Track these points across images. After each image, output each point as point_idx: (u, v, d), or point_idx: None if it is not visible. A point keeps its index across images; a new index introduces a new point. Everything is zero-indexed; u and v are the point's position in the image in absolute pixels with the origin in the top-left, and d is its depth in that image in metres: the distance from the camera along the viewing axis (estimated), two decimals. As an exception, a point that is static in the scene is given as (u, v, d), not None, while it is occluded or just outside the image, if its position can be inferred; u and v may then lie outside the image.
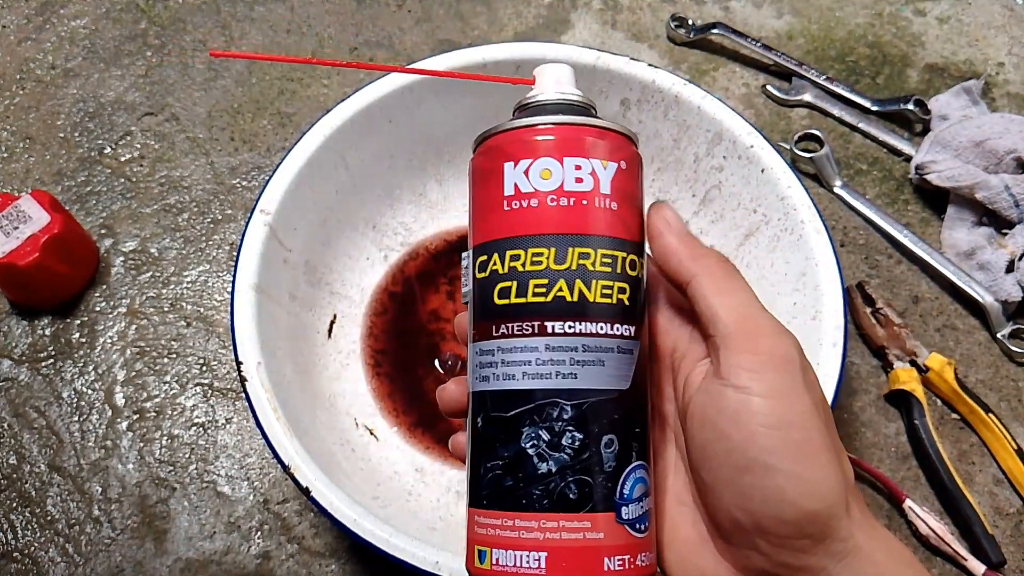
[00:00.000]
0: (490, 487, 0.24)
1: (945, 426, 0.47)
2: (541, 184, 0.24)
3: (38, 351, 0.50)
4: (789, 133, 0.57)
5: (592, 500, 0.23)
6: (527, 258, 0.24)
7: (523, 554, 0.23)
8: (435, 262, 0.51)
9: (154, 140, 0.58)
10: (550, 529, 0.23)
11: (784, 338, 0.23)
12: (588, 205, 0.24)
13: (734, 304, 0.24)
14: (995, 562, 0.42)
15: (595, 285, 0.24)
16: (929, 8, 0.64)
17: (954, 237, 0.52)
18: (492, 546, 0.23)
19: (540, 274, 0.24)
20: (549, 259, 0.24)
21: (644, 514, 0.24)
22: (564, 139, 0.25)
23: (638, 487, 0.24)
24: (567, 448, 0.23)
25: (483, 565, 0.24)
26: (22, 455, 0.47)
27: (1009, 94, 0.60)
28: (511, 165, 0.25)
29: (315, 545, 0.44)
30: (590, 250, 0.24)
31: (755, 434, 0.22)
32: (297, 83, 0.61)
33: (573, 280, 0.24)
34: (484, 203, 0.26)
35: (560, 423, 0.23)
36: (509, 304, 0.24)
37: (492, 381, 0.24)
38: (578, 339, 0.24)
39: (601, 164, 0.25)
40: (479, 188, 0.26)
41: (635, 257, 0.25)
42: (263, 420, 0.37)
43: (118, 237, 0.54)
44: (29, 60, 0.62)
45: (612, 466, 0.23)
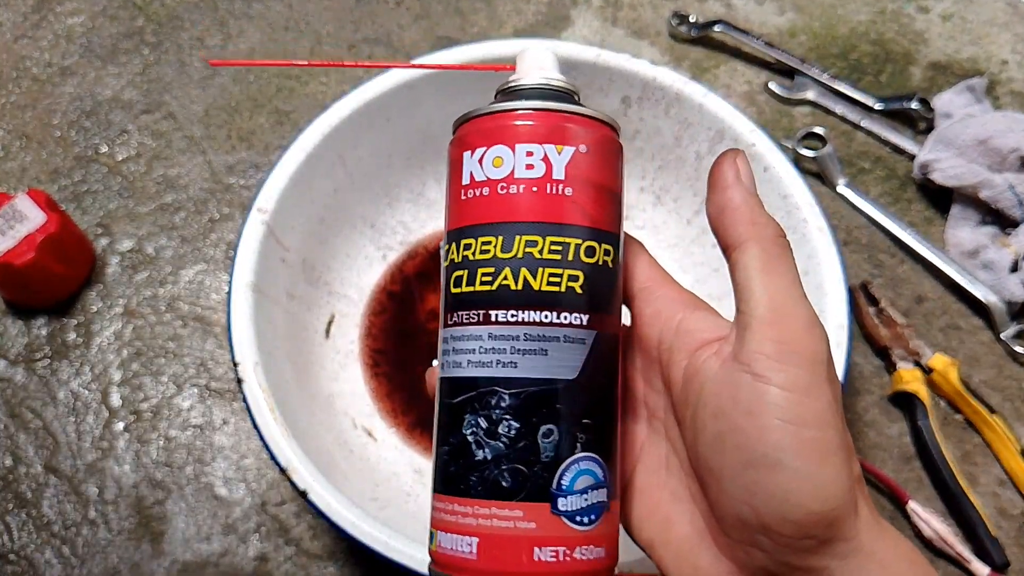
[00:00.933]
0: (440, 472, 0.24)
1: (949, 427, 0.47)
2: (493, 172, 0.24)
3: (34, 351, 0.50)
4: (792, 131, 0.57)
5: (525, 490, 0.23)
6: (477, 247, 0.24)
7: (459, 538, 0.23)
8: (434, 261, 0.51)
9: (151, 138, 0.58)
10: (482, 516, 0.23)
11: (815, 331, 0.22)
12: (538, 192, 0.24)
13: (774, 285, 0.22)
14: (999, 564, 0.42)
15: (541, 273, 0.24)
16: (932, 5, 0.64)
17: (958, 236, 0.52)
18: (438, 529, 0.24)
19: (487, 263, 0.24)
20: (496, 247, 0.24)
21: (590, 507, 0.23)
22: (518, 126, 0.24)
23: (582, 479, 0.23)
24: (503, 437, 0.23)
25: (432, 546, 0.25)
26: (18, 456, 0.47)
27: (1013, 92, 0.59)
28: (468, 154, 0.25)
29: (313, 547, 0.44)
30: (538, 237, 0.24)
31: (768, 427, 0.21)
32: (295, 81, 0.60)
33: (518, 268, 0.24)
34: (449, 193, 0.26)
35: (498, 411, 0.23)
36: (461, 293, 0.24)
37: (445, 369, 0.25)
38: (520, 328, 0.23)
39: (556, 149, 0.24)
40: (448, 178, 0.26)
41: (594, 244, 0.24)
42: (260, 421, 0.37)
43: (114, 236, 0.54)
44: (25, 58, 0.62)
45: (549, 456, 0.23)
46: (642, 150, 0.50)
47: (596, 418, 0.24)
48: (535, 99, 0.25)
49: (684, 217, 0.50)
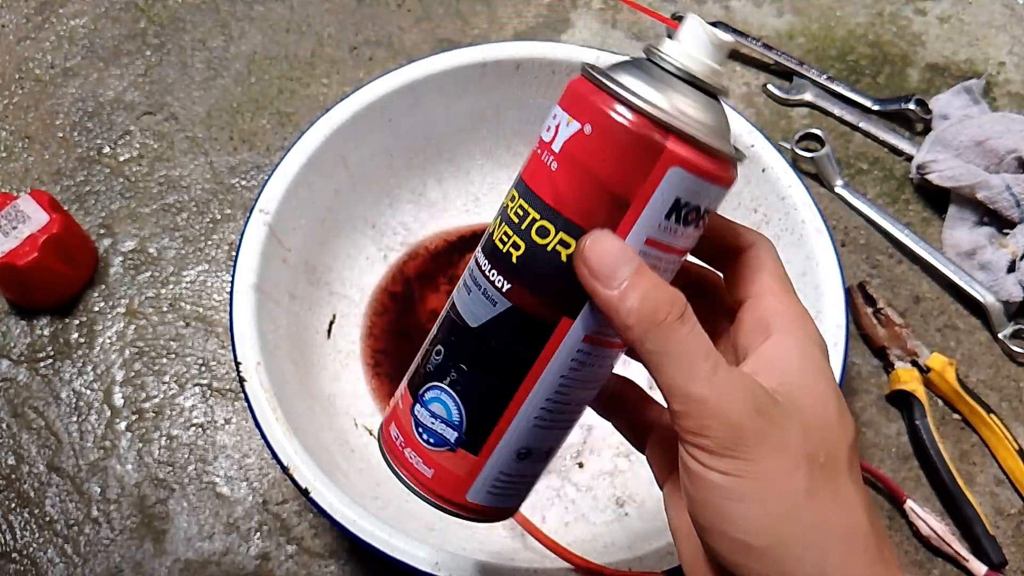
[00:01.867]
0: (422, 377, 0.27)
1: (946, 426, 0.47)
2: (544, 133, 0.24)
3: (37, 351, 0.50)
4: (790, 132, 0.57)
5: (411, 379, 0.27)
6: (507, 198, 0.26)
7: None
8: (435, 262, 0.51)
9: (153, 139, 0.58)
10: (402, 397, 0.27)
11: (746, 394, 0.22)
12: (537, 154, 0.24)
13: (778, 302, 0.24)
14: (996, 563, 0.42)
15: (500, 226, 0.25)
16: (930, 7, 0.64)
17: (955, 237, 0.52)
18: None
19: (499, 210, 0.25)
20: (507, 196, 0.25)
21: (432, 431, 0.26)
22: (569, 85, 0.24)
23: (435, 405, 0.26)
24: (428, 337, 0.27)
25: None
26: (21, 455, 0.47)
27: (1010, 93, 0.59)
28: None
29: (314, 546, 0.44)
30: (515, 193, 0.24)
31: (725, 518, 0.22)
32: (296, 82, 0.61)
33: (498, 215, 0.25)
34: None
35: (438, 321, 0.27)
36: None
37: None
38: (473, 264, 0.26)
39: (566, 119, 0.23)
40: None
41: (548, 225, 0.23)
42: (262, 420, 0.37)
43: (117, 237, 0.54)
44: (28, 59, 0.62)
45: (429, 369, 0.26)
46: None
47: (476, 372, 0.25)
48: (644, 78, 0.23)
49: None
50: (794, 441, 0.21)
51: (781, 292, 0.24)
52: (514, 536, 0.41)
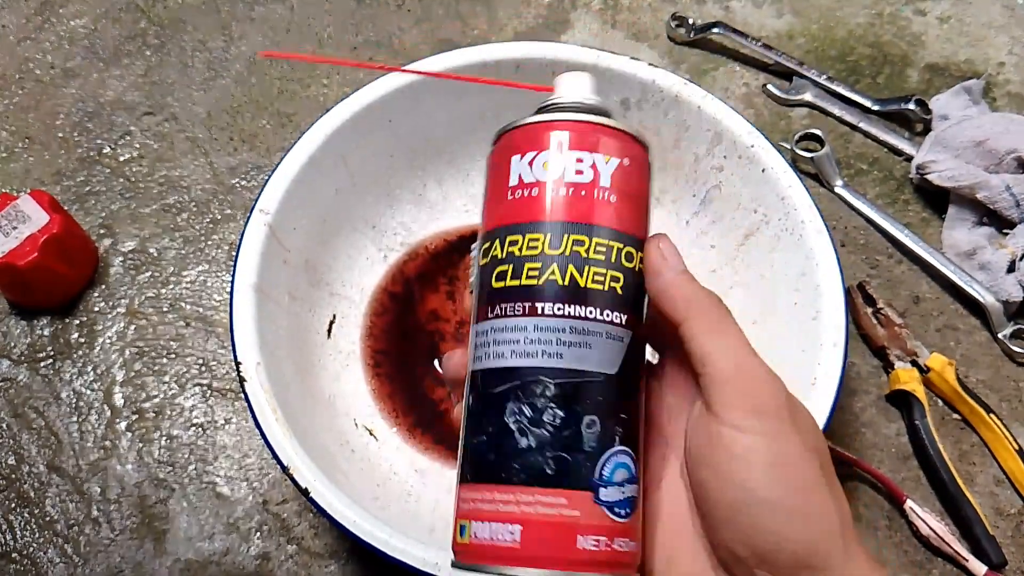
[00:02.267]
0: (474, 462, 0.25)
1: (946, 426, 0.47)
2: (543, 174, 0.25)
3: (37, 351, 0.50)
4: (789, 133, 0.57)
5: (569, 477, 0.23)
6: (524, 243, 0.25)
7: (499, 526, 0.23)
8: (434, 262, 0.51)
9: (153, 140, 0.58)
10: (526, 503, 0.23)
11: (774, 383, 0.24)
12: (587, 196, 0.25)
13: (726, 345, 0.24)
14: (996, 563, 0.42)
15: (587, 271, 0.25)
16: (929, 8, 0.64)
17: (955, 237, 0.52)
18: (472, 519, 0.24)
19: (535, 258, 0.25)
20: (544, 244, 0.25)
21: (626, 500, 0.24)
22: (569, 134, 0.26)
23: (619, 472, 0.24)
24: (548, 425, 0.23)
25: (463, 539, 0.24)
26: (21, 455, 0.47)
27: (1010, 94, 0.59)
28: (518, 157, 0.26)
29: (314, 546, 0.44)
30: (585, 237, 0.25)
31: (754, 470, 0.23)
32: (297, 83, 0.61)
33: (566, 265, 0.24)
34: (492, 194, 0.27)
35: (543, 400, 0.24)
36: (505, 287, 0.25)
37: (484, 360, 0.25)
38: (566, 321, 0.24)
39: (603, 159, 0.25)
40: (490, 181, 0.27)
41: (632, 250, 0.26)
42: (262, 420, 0.37)
43: (117, 237, 0.54)
44: (29, 60, 0.62)
45: (592, 447, 0.24)
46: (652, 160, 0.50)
47: (630, 415, 0.25)
48: (583, 113, 0.26)
49: (683, 219, 0.50)
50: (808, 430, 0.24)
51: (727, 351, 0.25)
52: (514, 536, 0.41)
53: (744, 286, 0.46)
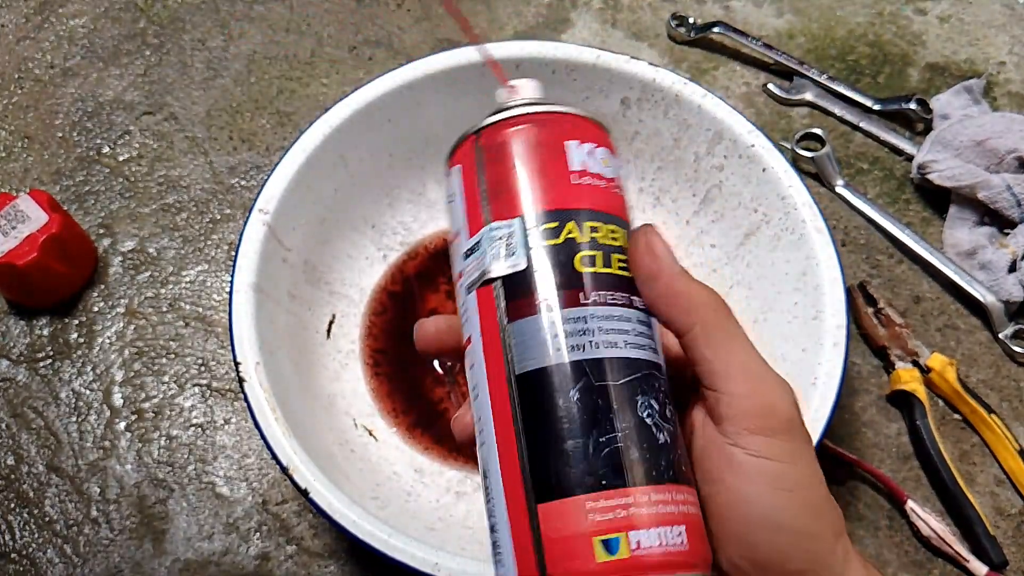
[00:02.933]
0: (609, 463, 0.21)
1: (947, 426, 0.47)
2: (604, 170, 0.25)
3: (36, 351, 0.50)
4: (790, 132, 0.57)
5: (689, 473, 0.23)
6: (605, 232, 0.24)
7: (666, 530, 0.20)
8: (434, 261, 0.51)
9: (153, 139, 0.58)
10: (682, 501, 0.21)
11: (786, 394, 0.23)
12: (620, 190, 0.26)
13: (734, 356, 0.23)
14: (997, 563, 0.42)
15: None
16: (930, 7, 0.64)
17: (955, 237, 0.52)
18: (628, 528, 0.20)
19: (620, 250, 0.24)
20: (621, 239, 0.24)
21: None
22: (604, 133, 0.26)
23: None
24: (670, 419, 0.23)
25: (616, 555, 0.20)
26: (20, 455, 0.47)
27: (1010, 93, 0.59)
28: (575, 143, 0.25)
29: (314, 546, 0.44)
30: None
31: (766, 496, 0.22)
32: (296, 82, 0.60)
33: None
34: (546, 172, 0.24)
35: (661, 394, 0.23)
36: (599, 272, 0.23)
37: (590, 349, 0.22)
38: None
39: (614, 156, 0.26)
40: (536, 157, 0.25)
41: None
42: (261, 420, 0.37)
43: (116, 237, 0.54)
44: (28, 59, 0.62)
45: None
46: (641, 151, 0.50)
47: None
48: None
49: (683, 218, 0.50)
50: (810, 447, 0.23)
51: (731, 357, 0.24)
52: (514, 536, 0.41)
53: (745, 285, 0.46)
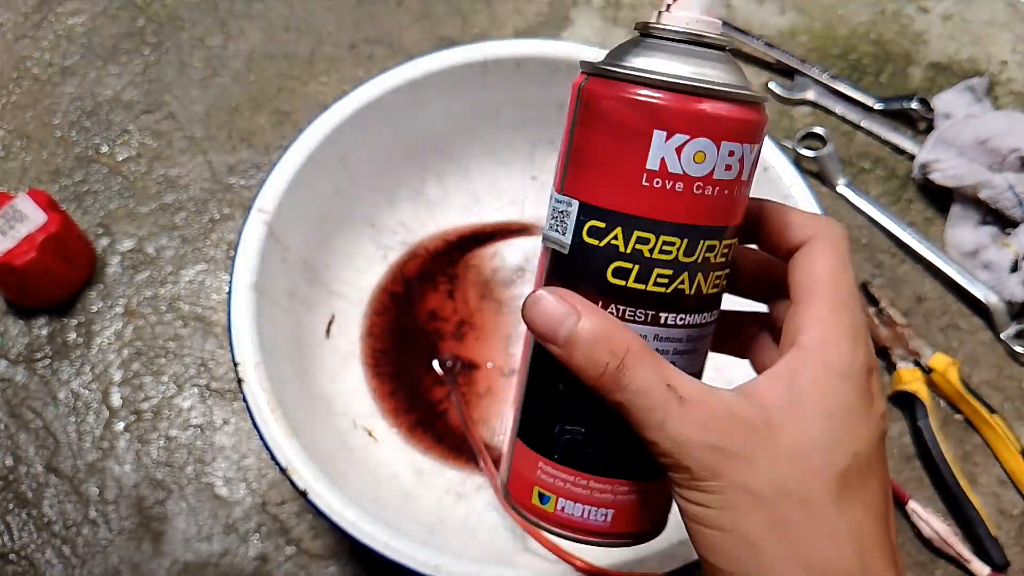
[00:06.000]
0: (566, 448, 0.25)
1: (949, 427, 0.47)
2: (692, 168, 0.22)
3: (34, 351, 0.50)
4: (792, 131, 0.57)
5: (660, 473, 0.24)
6: (657, 245, 0.22)
7: (592, 508, 0.25)
8: (434, 261, 0.51)
9: (151, 138, 0.58)
10: (621, 492, 0.25)
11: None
12: (730, 195, 0.22)
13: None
14: (999, 564, 0.42)
15: (711, 278, 0.23)
16: (932, 6, 0.64)
17: (958, 236, 0.52)
18: (561, 496, 0.25)
19: (666, 264, 0.22)
20: (679, 251, 0.22)
21: None
22: (728, 119, 0.22)
23: None
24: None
25: (544, 506, 0.26)
26: (18, 456, 0.47)
27: (1013, 92, 0.59)
28: (662, 136, 0.21)
29: (313, 547, 0.44)
30: (716, 243, 0.23)
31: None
32: (295, 81, 0.60)
33: (695, 274, 0.23)
34: (619, 166, 0.22)
35: None
36: (626, 287, 0.23)
37: None
38: (684, 331, 0.23)
39: (750, 149, 0.22)
40: (613, 144, 0.22)
41: (735, 241, 0.24)
42: (260, 421, 0.37)
43: (115, 236, 0.54)
44: (26, 58, 0.62)
45: None
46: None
47: None
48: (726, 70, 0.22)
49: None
50: (759, 473, 0.21)
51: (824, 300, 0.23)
52: (514, 538, 0.41)
53: (746, 286, 0.46)
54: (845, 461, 0.22)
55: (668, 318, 0.23)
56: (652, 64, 0.22)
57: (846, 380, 0.22)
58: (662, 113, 0.21)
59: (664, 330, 0.23)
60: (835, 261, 0.23)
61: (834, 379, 0.22)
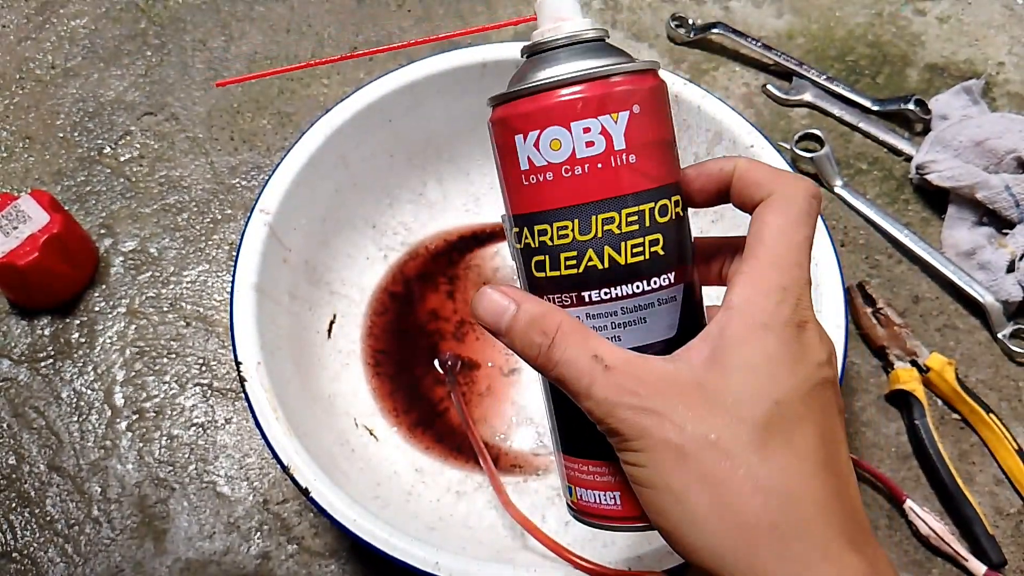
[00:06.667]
0: (569, 439, 0.26)
1: (946, 426, 0.47)
2: (552, 155, 0.24)
3: (37, 351, 0.50)
4: (789, 133, 0.57)
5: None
6: (553, 232, 0.24)
7: (600, 493, 0.26)
8: (435, 262, 0.51)
9: (154, 140, 0.58)
10: (618, 473, 0.25)
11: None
12: (604, 167, 0.23)
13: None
14: (996, 562, 0.42)
15: (624, 247, 0.24)
16: (929, 8, 0.64)
17: (954, 237, 0.52)
18: (577, 485, 0.26)
19: (568, 247, 0.24)
20: (574, 231, 0.24)
21: None
22: (568, 102, 0.23)
23: None
24: None
25: (572, 498, 0.27)
26: (21, 455, 0.47)
27: (1009, 93, 0.59)
28: (521, 138, 0.24)
29: (315, 545, 0.44)
30: (614, 213, 0.24)
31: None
32: (297, 82, 0.61)
33: (602, 247, 0.24)
34: (505, 177, 0.25)
35: None
36: (546, 277, 0.25)
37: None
38: (615, 303, 0.24)
39: (612, 119, 0.23)
40: (500, 161, 0.26)
41: (666, 201, 0.24)
42: (262, 420, 0.37)
43: (117, 237, 0.54)
44: (29, 59, 0.62)
45: None
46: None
47: None
48: (573, 60, 0.24)
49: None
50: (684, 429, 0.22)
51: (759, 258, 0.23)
52: (514, 536, 0.41)
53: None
54: (765, 410, 0.22)
55: (592, 295, 0.24)
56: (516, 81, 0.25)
57: (767, 332, 0.22)
58: (513, 121, 0.24)
59: (593, 307, 0.24)
60: (784, 219, 0.23)
61: (756, 332, 0.22)
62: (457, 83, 0.48)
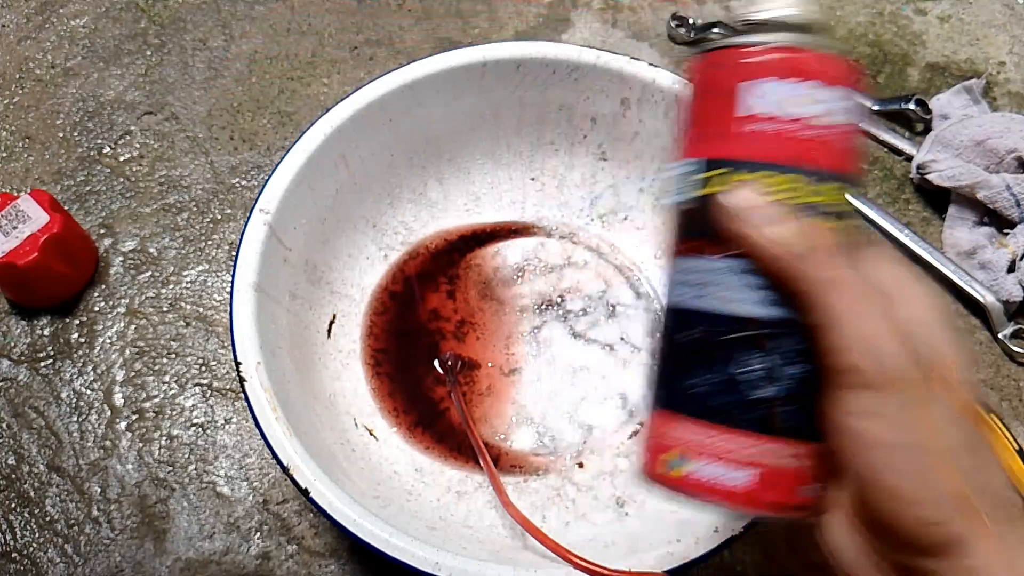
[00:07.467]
0: (699, 400, 0.24)
1: (946, 426, 0.47)
2: (783, 110, 0.24)
3: (37, 351, 0.50)
4: (790, 132, 0.57)
5: (809, 430, 0.23)
6: (759, 183, 0.24)
7: (732, 469, 0.23)
8: (435, 261, 0.51)
9: (154, 139, 0.58)
10: (766, 451, 0.23)
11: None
12: (807, 138, 0.24)
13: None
14: (996, 562, 0.42)
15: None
16: (930, 7, 0.64)
17: (955, 236, 0.52)
18: (695, 456, 0.24)
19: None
20: (780, 188, 0.24)
21: None
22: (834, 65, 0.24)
23: None
24: (790, 377, 0.23)
25: (675, 471, 0.24)
26: (21, 455, 0.47)
27: (1010, 93, 0.59)
28: (746, 84, 0.24)
29: (315, 545, 0.44)
30: (832, 186, 0.25)
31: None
32: (297, 82, 0.61)
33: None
34: (709, 118, 0.25)
35: (785, 352, 0.23)
36: None
37: (710, 301, 0.24)
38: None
39: (853, 96, 0.25)
40: (705, 101, 0.25)
41: (850, 203, 0.26)
42: (262, 420, 0.37)
43: (117, 237, 0.54)
44: (29, 59, 0.62)
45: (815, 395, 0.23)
46: (642, 152, 0.50)
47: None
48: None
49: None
50: (934, 395, 0.22)
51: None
52: (514, 536, 0.41)
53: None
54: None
55: None
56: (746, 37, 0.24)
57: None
58: (752, 68, 0.24)
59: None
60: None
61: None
62: (457, 82, 0.48)
